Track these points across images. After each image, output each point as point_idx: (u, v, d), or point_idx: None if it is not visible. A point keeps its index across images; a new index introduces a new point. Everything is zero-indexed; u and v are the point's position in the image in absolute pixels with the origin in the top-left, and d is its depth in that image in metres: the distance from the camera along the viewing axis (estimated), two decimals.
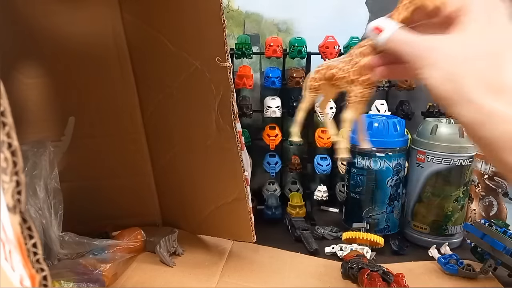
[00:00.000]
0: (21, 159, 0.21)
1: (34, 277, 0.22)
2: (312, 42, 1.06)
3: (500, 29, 0.34)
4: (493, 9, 0.34)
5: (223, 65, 0.66)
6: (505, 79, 0.32)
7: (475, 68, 0.33)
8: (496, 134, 0.31)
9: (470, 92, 0.32)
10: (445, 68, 0.34)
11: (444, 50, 0.35)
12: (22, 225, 0.21)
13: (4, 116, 0.21)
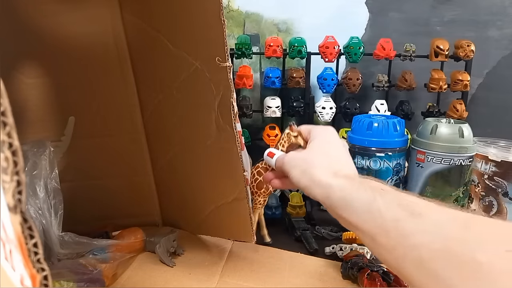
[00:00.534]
0: (22, 159, 0.21)
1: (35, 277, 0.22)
2: (312, 42, 1.06)
3: (333, 145, 0.57)
4: (329, 138, 0.59)
5: (223, 65, 0.66)
6: (336, 167, 0.52)
7: (318, 164, 0.52)
8: (334, 199, 0.47)
9: (318, 177, 0.50)
10: (301, 167, 0.54)
11: (300, 157, 0.56)
12: (23, 224, 0.21)
13: (5, 116, 0.21)
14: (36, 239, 0.21)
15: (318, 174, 0.50)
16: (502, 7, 1.21)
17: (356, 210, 0.44)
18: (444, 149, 0.86)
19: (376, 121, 0.91)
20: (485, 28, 1.22)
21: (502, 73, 1.24)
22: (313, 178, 0.50)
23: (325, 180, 0.49)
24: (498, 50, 1.23)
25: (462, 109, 1.11)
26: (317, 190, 0.50)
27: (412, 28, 1.21)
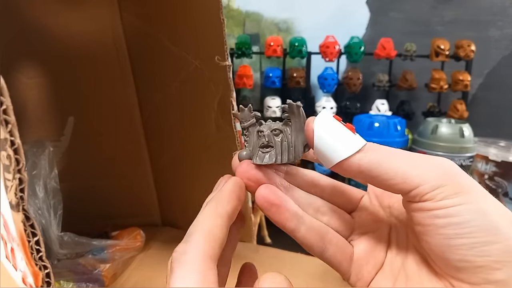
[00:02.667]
0: (24, 157, 0.21)
1: (37, 274, 0.22)
2: (312, 42, 1.06)
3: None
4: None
5: (222, 64, 0.66)
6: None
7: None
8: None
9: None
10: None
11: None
12: (25, 222, 0.21)
13: (7, 114, 0.20)
14: (38, 236, 0.21)
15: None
16: (502, 7, 1.21)
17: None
18: (444, 149, 0.86)
19: (377, 121, 0.91)
20: (486, 28, 1.22)
21: (502, 73, 1.24)
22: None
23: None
24: (498, 50, 1.23)
25: (462, 109, 1.11)
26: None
27: (413, 28, 1.21)
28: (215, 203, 0.29)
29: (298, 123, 0.33)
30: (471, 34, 1.18)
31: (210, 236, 0.26)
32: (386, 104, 1.10)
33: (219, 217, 0.28)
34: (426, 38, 1.13)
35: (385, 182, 0.28)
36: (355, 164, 0.29)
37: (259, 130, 0.32)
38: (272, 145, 0.32)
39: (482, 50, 1.17)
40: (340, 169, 0.30)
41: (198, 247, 0.25)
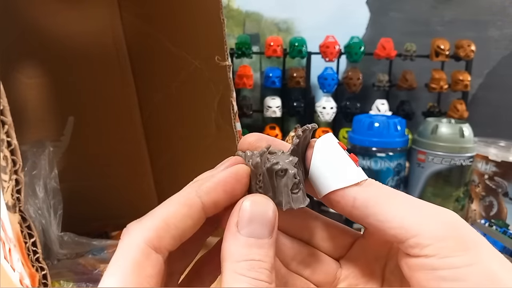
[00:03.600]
0: (20, 158, 0.21)
1: (34, 276, 0.22)
2: (312, 42, 1.06)
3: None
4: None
5: (222, 64, 0.66)
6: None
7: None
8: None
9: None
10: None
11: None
12: (22, 224, 0.21)
13: (3, 115, 0.20)
14: (35, 238, 0.21)
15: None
16: (502, 7, 1.21)
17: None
18: (444, 149, 0.86)
19: (377, 121, 0.91)
20: (485, 28, 1.22)
21: (502, 73, 1.24)
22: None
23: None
24: (498, 50, 1.23)
25: (462, 109, 1.11)
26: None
27: (413, 28, 1.21)
28: (193, 189, 0.26)
29: (304, 147, 0.28)
30: (471, 34, 1.18)
31: (163, 224, 0.24)
32: (386, 104, 1.10)
33: (187, 206, 0.24)
34: (426, 38, 1.13)
35: (379, 224, 0.25)
36: (350, 197, 0.26)
37: (280, 169, 0.26)
38: (300, 181, 0.26)
39: (482, 50, 1.16)
40: (332, 201, 0.27)
41: (143, 233, 0.23)
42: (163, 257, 0.23)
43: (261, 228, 0.24)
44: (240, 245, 0.23)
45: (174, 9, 0.71)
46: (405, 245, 0.24)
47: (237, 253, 0.23)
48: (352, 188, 0.26)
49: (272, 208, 0.24)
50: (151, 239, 0.23)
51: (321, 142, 0.28)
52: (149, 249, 0.22)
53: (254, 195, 0.25)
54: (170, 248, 0.23)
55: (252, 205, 0.24)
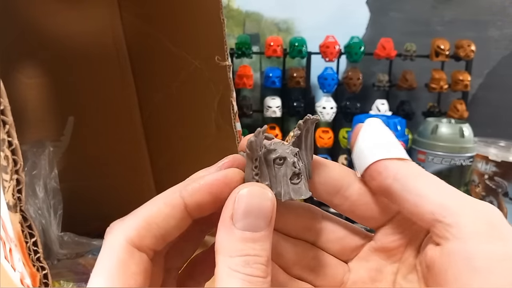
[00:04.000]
0: (21, 158, 0.21)
1: (35, 276, 0.22)
2: (312, 42, 1.06)
3: None
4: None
5: (222, 64, 0.66)
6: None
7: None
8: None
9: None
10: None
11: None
12: (23, 223, 0.21)
13: (4, 114, 0.20)
14: (36, 237, 0.21)
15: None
16: (502, 7, 1.21)
17: None
18: (444, 149, 0.86)
19: None
20: (485, 28, 1.22)
21: (502, 73, 1.24)
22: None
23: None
24: (498, 50, 1.23)
25: (462, 109, 1.11)
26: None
27: (413, 28, 1.21)
28: (178, 189, 0.25)
29: (309, 139, 0.27)
30: (471, 34, 1.18)
31: (144, 223, 0.23)
32: (386, 104, 1.10)
33: (169, 206, 0.24)
34: (426, 38, 1.13)
35: (418, 199, 0.24)
36: (393, 169, 0.25)
37: (278, 157, 0.25)
38: (301, 172, 0.26)
39: (482, 50, 1.16)
40: (373, 172, 0.26)
41: (125, 232, 0.23)
42: (147, 255, 0.23)
43: (257, 221, 0.23)
44: (235, 239, 0.22)
45: (174, 9, 0.71)
46: (443, 224, 0.23)
47: (232, 248, 0.22)
48: (396, 161, 0.25)
49: (269, 198, 0.23)
50: (132, 238, 0.23)
51: (369, 122, 0.27)
52: (131, 248, 0.22)
53: (250, 184, 0.24)
54: (153, 247, 0.23)
55: (247, 197, 0.23)
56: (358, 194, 0.27)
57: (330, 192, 0.28)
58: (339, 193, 0.27)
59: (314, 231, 0.29)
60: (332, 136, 1.08)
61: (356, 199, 0.27)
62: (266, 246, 0.23)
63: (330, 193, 0.28)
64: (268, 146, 0.25)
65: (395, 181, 0.25)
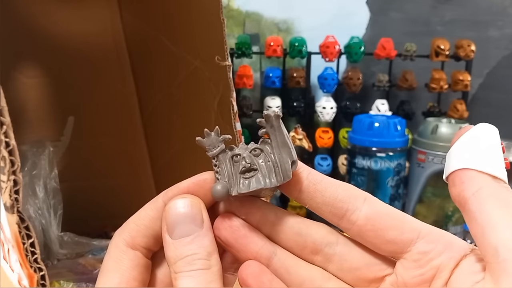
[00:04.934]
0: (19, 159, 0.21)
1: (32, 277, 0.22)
2: (312, 42, 1.06)
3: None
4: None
5: (222, 64, 0.66)
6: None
7: None
8: None
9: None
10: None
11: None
12: (20, 224, 0.21)
13: (2, 115, 0.20)
14: (33, 238, 0.21)
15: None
16: (502, 7, 1.21)
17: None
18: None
19: (377, 121, 0.91)
20: (485, 28, 1.22)
21: (502, 73, 1.24)
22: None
23: None
24: (498, 50, 1.23)
25: (462, 109, 1.11)
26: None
27: (413, 28, 1.21)
28: (161, 195, 0.28)
29: (279, 136, 0.26)
30: (471, 34, 1.18)
31: (133, 225, 0.27)
32: (386, 104, 1.10)
33: (154, 209, 0.27)
34: (426, 38, 1.12)
35: (486, 226, 0.21)
36: (478, 184, 0.23)
37: (234, 154, 0.27)
38: (255, 167, 0.26)
39: (482, 50, 1.16)
40: (458, 178, 0.23)
41: (120, 235, 0.27)
42: (142, 253, 0.27)
43: (187, 226, 0.25)
44: (174, 248, 0.25)
45: (174, 9, 0.71)
46: (499, 265, 0.21)
47: (173, 256, 0.25)
48: (487, 177, 0.23)
49: (189, 203, 0.26)
50: (125, 238, 0.26)
51: (483, 127, 0.25)
52: (124, 247, 0.26)
53: (175, 198, 0.26)
54: (145, 245, 0.27)
55: (170, 210, 0.26)
56: (366, 218, 0.25)
57: (336, 215, 0.26)
58: (345, 217, 0.26)
59: (323, 256, 0.27)
60: (332, 136, 1.08)
61: (363, 224, 0.25)
62: (204, 243, 0.25)
63: (336, 216, 0.26)
64: (231, 148, 0.28)
65: (473, 197, 0.23)
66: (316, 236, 0.27)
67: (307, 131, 1.06)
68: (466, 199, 0.23)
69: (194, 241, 0.25)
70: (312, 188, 0.26)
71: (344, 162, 1.05)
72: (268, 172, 0.26)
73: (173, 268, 0.25)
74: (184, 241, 0.25)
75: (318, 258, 0.27)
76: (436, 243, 0.25)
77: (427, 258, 0.24)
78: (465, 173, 0.23)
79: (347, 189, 0.26)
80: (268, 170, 0.26)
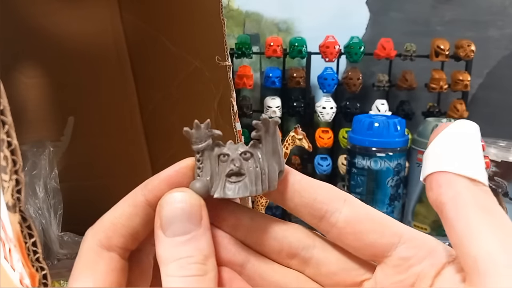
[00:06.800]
0: (21, 158, 0.21)
1: (34, 276, 0.22)
2: (312, 42, 1.06)
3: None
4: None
5: (222, 64, 0.66)
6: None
7: None
8: None
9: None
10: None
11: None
12: (22, 224, 0.21)
13: (4, 114, 0.21)
14: (35, 238, 0.21)
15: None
16: (502, 7, 1.21)
17: None
18: None
19: (377, 121, 0.91)
20: (485, 28, 1.22)
21: (502, 73, 1.24)
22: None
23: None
24: (498, 50, 1.23)
25: (462, 109, 1.11)
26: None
27: (413, 28, 1.21)
28: (139, 188, 0.26)
29: (271, 143, 0.25)
30: (471, 34, 1.18)
31: (109, 224, 0.25)
32: (386, 104, 1.10)
33: (132, 206, 0.25)
34: (426, 38, 1.12)
35: (465, 235, 0.20)
36: (456, 188, 0.21)
37: (222, 153, 0.25)
38: (243, 172, 0.25)
39: (482, 50, 1.16)
40: (434, 182, 0.22)
41: (93, 235, 0.25)
42: (119, 254, 0.24)
43: (185, 225, 0.23)
44: (167, 247, 0.23)
45: (174, 9, 0.71)
46: (480, 277, 0.20)
47: (166, 256, 0.23)
48: (466, 180, 0.21)
49: (188, 198, 0.23)
50: (100, 239, 0.24)
51: (461, 124, 0.23)
52: (99, 249, 0.24)
53: (173, 190, 0.24)
54: (122, 245, 0.24)
55: (168, 204, 0.23)
56: (345, 221, 0.24)
57: (315, 216, 0.25)
58: (324, 218, 0.25)
59: (300, 259, 0.26)
60: (332, 136, 1.08)
61: (342, 226, 0.24)
62: (201, 245, 0.23)
63: (315, 217, 0.25)
64: (217, 144, 0.26)
65: (451, 202, 0.21)
66: (292, 239, 0.26)
67: (307, 131, 1.06)
68: (443, 205, 0.22)
69: (190, 242, 0.23)
70: (290, 189, 0.25)
71: (344, 162, 1.05)
72: (255, 178, 0.25)
73: (164, 269, 0.23)
74: (178, 241, 0.23)
75: (294, 262, 0.26)
76: (418, 248, 0.23)
77: (407, 264, 0.23)
78: (442, 176, 0.22)
79: (327, 190, 0.25)
80: (256, 176, 0.25)
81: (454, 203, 0.21)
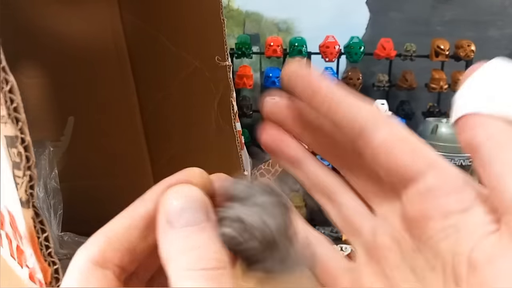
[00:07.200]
0: (33, 155, 0.21)
1: (47, 270, 0.22)
2: (312, 42, 1.06)
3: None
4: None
5: (222, 64, 0.66)
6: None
7: None
8: None
9: None
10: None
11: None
12: (35, 219, 0.21)
13: (17, 112, 0.20)
14: (48, 233, 0.21)
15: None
16: (502, 7, 1.21)
17: None
18: (444, 149, 0.86)
19: None
20: (485, 28, 1.22)
21: None
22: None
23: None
24: (498, 50, 1.23)
25: None
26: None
27: (413, 28, 1.21)
28: (139, 200, 0.24)
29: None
30: (471, 34, 1.19)
31: (104, 238, 0.22)
32: (386, 104, 1.10)
33: (129, 218, 0.22)
34: (426, 38, 1.13)
35: (503, 174, 0.19)
36: (491, 129, 0.20)
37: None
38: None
39: (482, 50, 1.17)
40: (466, 124, 0.21)
41: (86, 252, 0.21)
42: (113, 272, 0.21)
43: (196, 214, 0.21)
44: (177, 239, 0.20)
45: (174, 9, 0.71)
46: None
47: (177, 249, 0.20)
48: (500, 121, 0.20)
49: (194, 189, 0.22)
50: (94, 255, 0.21)
51: (495, 64, 0.21)
52: (92, 266, 0.21)
53: (173, 187, 0.23)
54: (118, 261, 0.22)
55: (173, 198, 0.21)
56: (383, 140, 0.23)
57: (353, 134, 0.23)
58: (361, 136, 0.23)
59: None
60: None
61: (377, 145, 0.23)
62: (213, 235, 0.21)
63: (353, 135, 0.24)
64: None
65: (486, 142, 0.20)
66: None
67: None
68: (480, 144, 0.20)
69: (204, 230, 0.20)
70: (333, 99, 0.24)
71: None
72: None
73: (178, 264, 0.20)
74: (191, 230, 0.20)
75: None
76: (446, 180, 0.22)
77: (432, 195, 0.22)
78: (476, 118, 0.21)
79: (367, 107, 0.24)
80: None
81: (490, 143, 0.20)
